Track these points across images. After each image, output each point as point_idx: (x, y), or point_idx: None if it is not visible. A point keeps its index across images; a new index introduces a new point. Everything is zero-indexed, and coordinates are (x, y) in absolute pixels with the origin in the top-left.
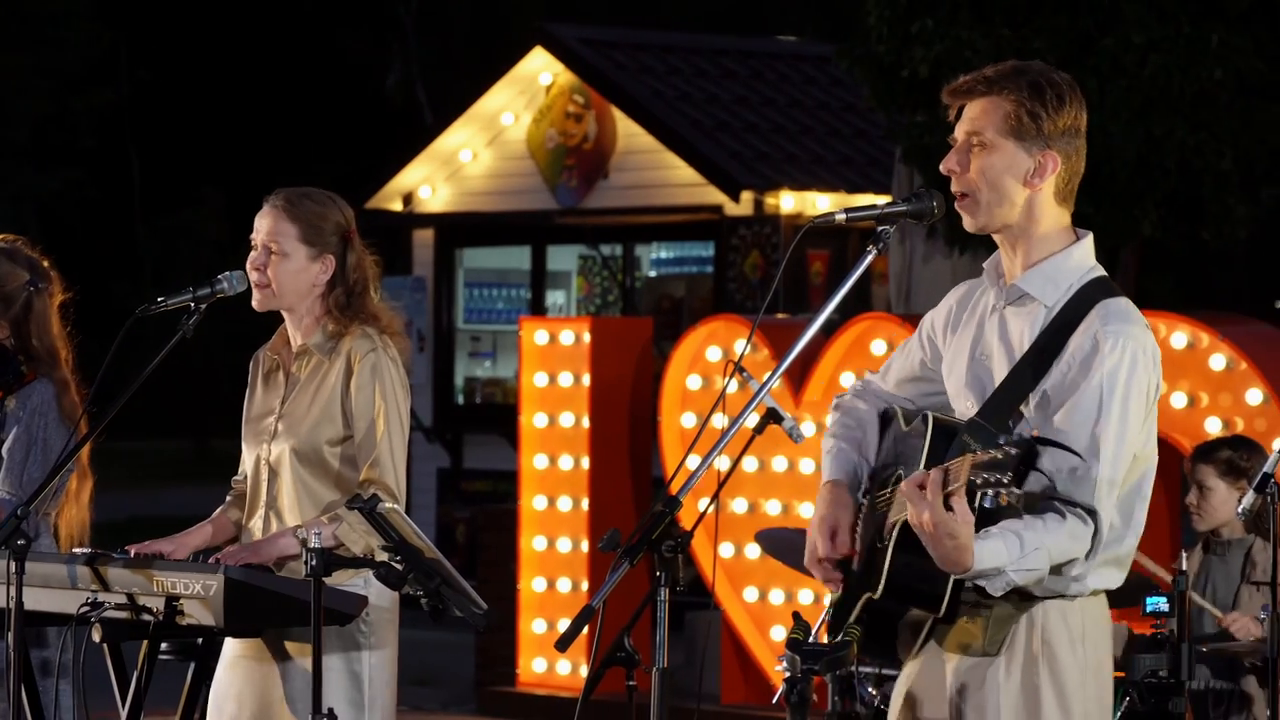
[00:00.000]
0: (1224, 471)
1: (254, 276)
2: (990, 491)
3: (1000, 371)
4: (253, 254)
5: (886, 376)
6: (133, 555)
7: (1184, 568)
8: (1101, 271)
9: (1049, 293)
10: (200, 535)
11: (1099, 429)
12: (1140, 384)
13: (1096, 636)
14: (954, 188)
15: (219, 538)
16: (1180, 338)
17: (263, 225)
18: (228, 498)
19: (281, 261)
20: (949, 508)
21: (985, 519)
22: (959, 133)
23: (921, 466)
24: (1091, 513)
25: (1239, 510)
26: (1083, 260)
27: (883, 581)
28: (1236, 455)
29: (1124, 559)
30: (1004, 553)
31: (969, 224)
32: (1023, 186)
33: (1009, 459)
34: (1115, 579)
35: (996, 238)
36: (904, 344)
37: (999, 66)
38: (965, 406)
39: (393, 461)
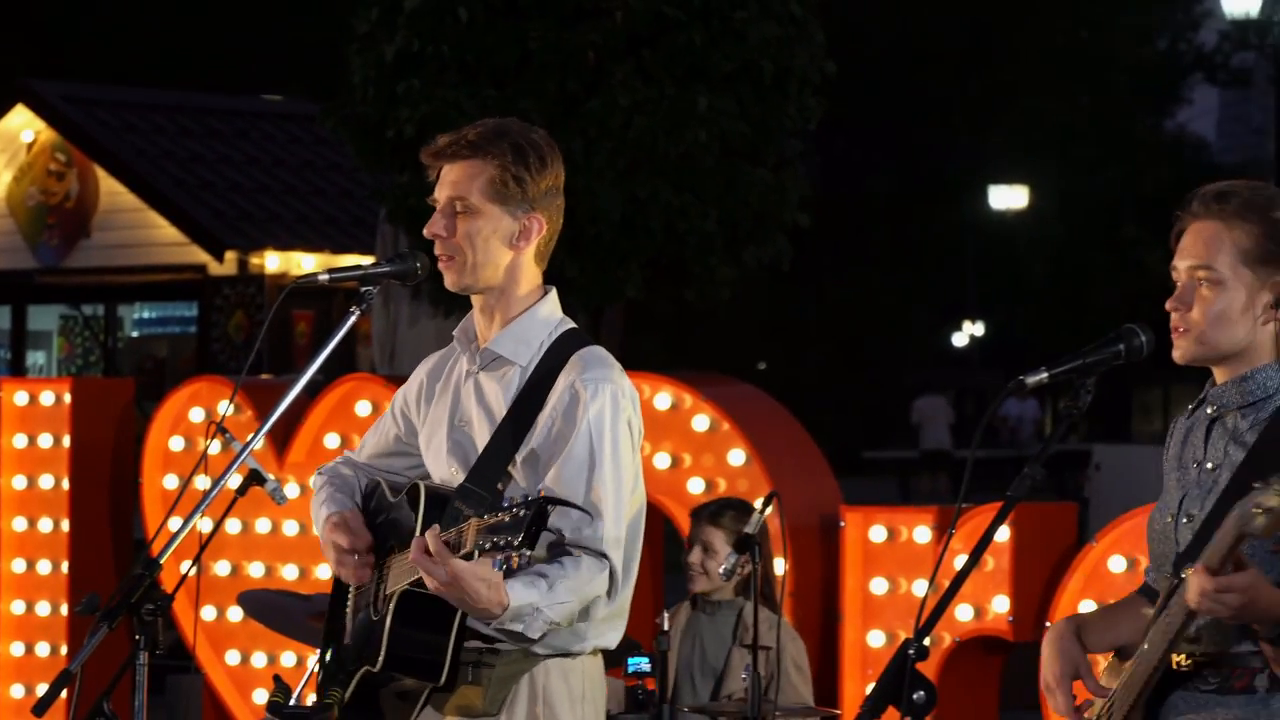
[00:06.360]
0: (731, 535)
1: None
2: (500, 556)
3: (482, 436)
4: None
5: (362, 453)
6: None
7: (666, 627)
8: (570, 324)
9: (521, 353)
10: None
11: (595, 481)
12: (624, 427)
13: (595, 696)
14: (438, 250)
15: None
16: (664, 398)
17: None
18: None
19: None
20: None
21: None
22: (441, 195)
23: (417, 535)
24: (603, 555)
25: (721, 570)
26: (550, 315)
27: (382, 654)
28: (741, 518)
29: (624, 611)
30: (533, 592)
31: (450, 283)
32: (508, 249)
33: (519, 521)
34: (615, 635)
35: (475, 298)
36: (378, 422)
37: (479, 128)
38: (451, 474)
39: None
